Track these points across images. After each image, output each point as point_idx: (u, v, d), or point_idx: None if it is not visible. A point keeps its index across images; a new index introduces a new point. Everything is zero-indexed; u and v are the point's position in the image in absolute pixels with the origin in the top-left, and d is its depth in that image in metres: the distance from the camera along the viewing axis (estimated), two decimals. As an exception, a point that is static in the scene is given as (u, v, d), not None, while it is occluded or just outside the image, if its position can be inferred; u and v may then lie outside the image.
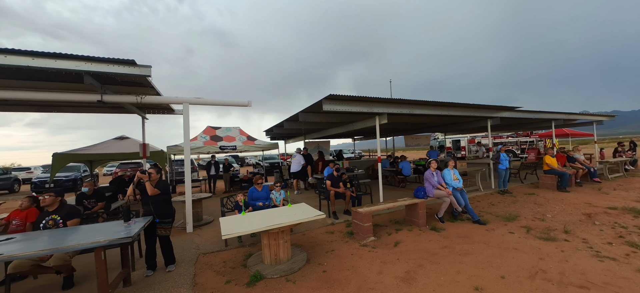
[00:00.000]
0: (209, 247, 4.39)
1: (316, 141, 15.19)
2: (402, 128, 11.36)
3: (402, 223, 5.11)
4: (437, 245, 4.04)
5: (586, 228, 4.52)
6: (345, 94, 4.82)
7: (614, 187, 7.66)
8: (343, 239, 4.49)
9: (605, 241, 3.97)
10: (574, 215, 5.31)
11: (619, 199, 6.32)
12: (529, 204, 6.23)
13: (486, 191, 7.76)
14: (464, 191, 5.29)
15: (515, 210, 5.80)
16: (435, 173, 5.30)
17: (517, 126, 12.29)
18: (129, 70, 4.37)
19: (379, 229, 4.86)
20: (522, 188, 8.13)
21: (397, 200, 5.17)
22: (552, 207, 5.94)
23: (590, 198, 6.53)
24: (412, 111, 6.12)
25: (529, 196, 7.01)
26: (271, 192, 5.12)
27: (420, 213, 4.91)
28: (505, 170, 7.43)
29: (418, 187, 5.27)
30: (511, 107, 7.92)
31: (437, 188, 5.16)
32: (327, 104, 5.08)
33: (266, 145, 11.05)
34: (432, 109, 6.43)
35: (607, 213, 5.31)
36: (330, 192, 5.56)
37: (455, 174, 5.39)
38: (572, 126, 13.25)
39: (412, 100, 5.99)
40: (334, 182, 5.80)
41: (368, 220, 4.39)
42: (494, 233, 4.46)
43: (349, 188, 5.96)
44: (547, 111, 9.23)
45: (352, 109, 5.36)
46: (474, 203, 6.51)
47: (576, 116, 10.34)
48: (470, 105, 7.09)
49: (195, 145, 9.85)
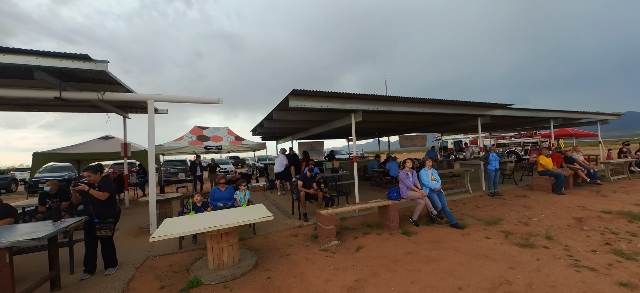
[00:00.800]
0: (163, 249, 4.18)
1: (309, 141, 14.99)
2: (390, 127, 10.98)
3: (374, 227, 4.80)
4: (402, 250, 3.72)
5: (572, 234, 4.12)
6: (311, 89, 4.58)
7: (614, 190, 7.14)
8: (305, 243, 4.21)
9: (590, 248, 3.58)
10: (562, 219, 4.90)
11: (617, 202, 5.85)
12: (517, 207, 5.82)
13: (476, 193, 7.35)
14: (442, 193, 4.94)
15: (500, 213, 5.41)
16: (411, 173, 4.97)
17: (513, 126, 11.76)
18: (83, 66, 4.21)
19: (347, 233, 4.56)
20: (515, 190, 7.68)
21: (369, 201, 4.86)
22: (541, 210, 5.52)
23: (586, 201, 6.07)
24: (390, 108, 5.81)
25: (519, 198, 6.58)
26: (236, 193, 4.89)
27: (392, 216, 4.59)
28: (494, 171, 7.01)
29: (392, 188, 4.95)
30: (503, 105, 7.50)
31: (412, 189, 4.83)
32: (293, 100, 4.82)
33: (254, 145, 10.86)
34: (413, 106, 6.10)
35: (600, 217, 4.88)
36: (300, 193, 5.29)
37: (433, 175, 5.04)
38: (575, 125, 12.63)
39: (390, 97, 5.68)
40: (307, 183, 5.53)
41: (330, 223, 4.10)
42: (469, 238, 4.11)
43: (323, 189, 5.69)
44: (544, 109, 8.74)
45: (322, 105, 5.08)
46: (459, 206, 6.15)
47: (578, 115, 9.79)
48: (457, 103, 6.72)
49: (181, 145, 9.74)
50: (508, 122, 10.75)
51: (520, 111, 8.02)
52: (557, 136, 15.63)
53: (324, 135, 13.62)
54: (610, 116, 11.21)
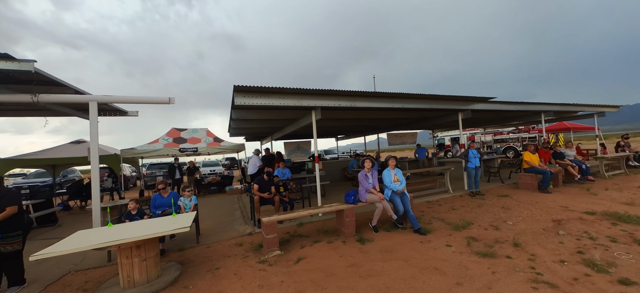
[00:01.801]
0: (90, 263, 3.83)
1: (296, 141, 14.61)
2: (369, 125, 10.51)
3: (330, 233, 4.39)
4: (346, 262, 3.31)
5: (543, 240, 3.66)
6: (259, 85, 4.17)
7: (607, 187, 6.60)
8: (245, 254, 3.82)
9: (558, 258, 3.12)
10: (540, 222, 4.42)
11: (606, 201, 5.34)
12: (495, 208, 5.35)
13: (457, 193, 6.87)
14: (406, 195, 4.49)
15: (474, 215, 4.96)
16: (371, 174, 4.54)
17: (501, 120, 11.19)
18: (5, 66, 3.90)
19: (297, 241, 4.16)
20: (499, 188, 7.18)
21: (323, 206, 4.45)
22: (519, 211, 5.05)
23: (571, 200, 5.57)
24: (353, 104, 5.38)
25: (500, 198, 6.09)
26: (180, 199, 4.52)
27: (347, 221, 4.18)
28: (474, 169, 6.53)
29: (350, 190, 4.53)
30: (484, 98, 7.00)
31: (370, 192, 4.41)
32: (239, 97, 4.44)
33: (232, 146, 10.51)
34: (380, 102, 5.67)
35: (582, 219, 4.39)
36: (254, 197, 4.90)
37: (396, 175, 4.61)
38: (572, 118, 12.01)
39: (353, 92, 5.25)
40: (264, 187, 5.14)
41: (271, 232, 3.71)
42: (427, 246, 3.67)
43: (282, 193, 5.30)
44: (532, 102, 8.22)
45: (274, 102, 4.69)
46: (433, 208, 5.70)
47: (571, 107, 9.22)
48: (433, 97, 6.26)
49: (155, 148, 9.44)
50: (495, 117, 10.22)
51: (504, 104, 7.51)
52: (555, 130, 14.98)
53: (300, 134, 13.21)
54: (608, 108, 10.58)
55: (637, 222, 4.05)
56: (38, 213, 6.56)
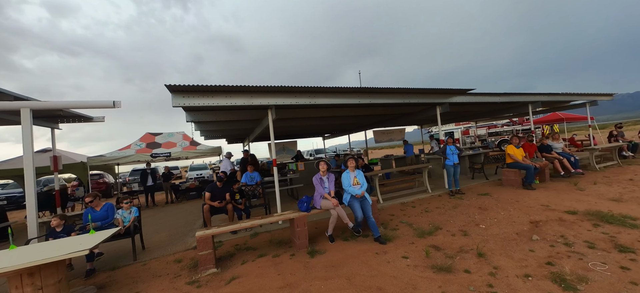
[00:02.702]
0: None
1: (282, 142, 14.19)
2: (350, 122, 10.04)
3: (282, 245, 3.97)
4: (281, 282, 2.89)
5: (513, 248, 3.23)
6: (195, 83, 3.73)
7: (596, 180, 6.15)
8: (179, 272, 3.41)
9: (524, 272, 2.69)
10: (516, 224, 4.00)
11: (592, 198, 4.90)
12: (472, 209, 4.92)
13: (437, 192, 6.44)
14: (367, 200, 4.06)
15: (446, 218, 4.53)
16: (327, 178, 4.12)
17: (487, 113, 10.72)
18: None
19: (242, 255, 3.74)
20: (482, 186, 6.74)
21: (273, 215, 4.03)
22: (497, 212, 4.62)
23: (555, 197, 5.13)
24: (314, 101, 4.95)
25: (479, 197, 5.66)
26: (117, 212, 4.11)
27: (298, 231, 3.76)
28: (453, 166, 6.09)
29: (304, 196, 4.11)
30: (463, 90, 6.55)
31: (324, 197, 3.99)
32: (178, 98, 4.02)
33: (208, 149, 10.10)
34: (345, 97, 5.23)
35: (561, 220, 3.96)
36: (203, 207, 4.49)
37: (357, 178, 4.18)
38: (563, 109, 11.53)
39: (314, 87, 4.82)
40: (216, 195, 4.73)
41: (206, 247, 3.29)
42: (382, 258, 3.25)
43: (238, 200, 4.88)
44: (518, 93, 7.76)
45: (220, 102, 4.27)
46: (406, 210, 5.28)
47: (560, 97, 8.74)
48: (405, 91, 5.82)
49: (126, 155, 9.03)
50: (481, 110, 9.76)
51: (486, 96, 7.05)
52: (549, 121, 14.51)
53: (285, 134, 12.80)
54: (601, 97, 10.08)
55: (620, 222, 3.61)
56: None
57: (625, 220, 3.68)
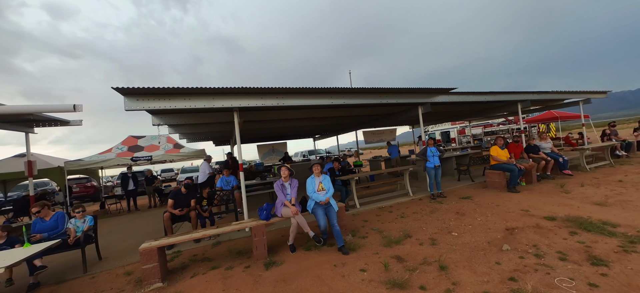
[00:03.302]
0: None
1: (270, 143, 13.99)
2: (335, 123, 9.81)
3: (241, 255, 3.75)
4: (224, 299, 2.68)
5: (479, 260, 2.99)
6: (152, 86, 3.50)
7: (584, 182, 5.89)
8: (123, 287, 3.20)
9: (483, 288, 2.46)
10: (490, 232, 3.75)
11: (575, 201, 4.64)
12: (449, 214, 4.68)
13: (418, 195, 6.20)
14: (331, 207, 3.83)
15: (420, 225, 4.30)
16: (289, 184, 3.90)
17: (473, 113, 10.45)
18: None
19: (196, 267, 3.53)
20: (466, 188, 6.49)
21: (231, 224, 3.81)
22: (473, 218, 4.38)
23: (538, 201, 4.88)
24: (281, 102, 4.73)
25: (460, 201, 5.42)
26: (70, 221, 3.91)
27: (256, 241, 3.54)
28: (433, 168, 5.85)
29: (265, 203, 3.89)
30: (445, 90, 6.30)
31: (284, 205, 3.76)
32: (131, 101, 3.81)
33: (191, 152, 9.90)
34: (316, 98, 5.01)
35: (538, 227, 3.71)
36: (164, 214, 4.28)
37: (322, 184, 3.95)
38: (557, 107, 11.24)
39: (282, 89, 4.59)
40: (180, 201, 4.51)
41: (150, 260, 3.08)
42: (338, 271, 3.03)
43: (204, 207, 4.67)
44: (505, 92, 7.50)
45: (178, 104, 4.05)
46: (382, 215, 5.05)
47: (550, 95, 8.47)
48: (383, 91, 5.58)
49: (106, 158, 8.85)
50: (467, 109, 9.51)
51: (470, 95, 6.80)
52: (543, 120, 14.20)
53: (274, 136, 12.59)
54: (595, 94, 9.78)
55: (599, 230, 3.37)
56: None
57: (604, 227, 3.43)
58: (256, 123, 7.79)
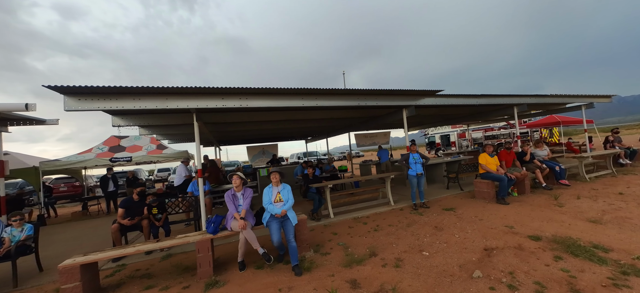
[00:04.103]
0: None
1: (261, 145, 13.66)
2: (321, 126, 9.41)
3: (186, 272, 3.39)
4: (139, 331, 2.32)
5: (443, 289, 2.58)
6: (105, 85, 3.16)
7: (581, 194, 5.40)
8: (44, 309, 2.87)
9: (438, 328, 2.05)
10: (465, 252, 3.33)
11: (567, 217, 4.18)
12: (426, 229, 4.26)
13: (401, 205, 5.77)
14: (289, 219, 3.46)
15: (391, 241, 3.89)
16: (241, 194, 3.53)
17: (465, 116, 9.95)
18: None
19: (132, 284, 3.18)
20: (452, 198, 6.04)
21: (175, 237, 3.46)
22: (451, 234, 3.95)
23: (526, 216, 4.42)
24: (245, 104, 4.36)
25: (442, 213, 4.98)
26: (5, 230, 3.61)
27: (200, 258, 3.19)
28: (415, 177, 5.43)
29: (214, 215, 3.53)
30: (431, 92, 5.87)
31: (234, 217, 3.40)
32: (72, 100, 3.49)
33: (174, 153, 9.62)
34: (284, 100, 4.63)
35: (520, 248, 3.28)
36: (112, 225, 3.95)
37: (280, 194, 3.58)
38: (559, 111, 10.69)
39: (245, 89, 4.23)
40: (132, 210, 4.18)
41: (70, 280, 2.74)
42: (281, 298, 2.65)
43: (157, 216, 4.33)
44: (498, 95, 7.03)
45: (126, 105, 3.72)
46: (356, 227, 4.66)
47: (549, 99, 7.96)
48: (361, 92, 5.17)
49: (85, 159, 8.61)
50: (458, 113, 9.03)
51: (459, 98, 6.35)
52: (546, 125, 13.60)
53: (265, 137, 12.23)
54: (599, 98, 9.22)
55: (588, 255, 2.92)
56: None
57: (595, 251, 2.99)
58: (242, 124, 7.45)
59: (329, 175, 7.82)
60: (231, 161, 20.51)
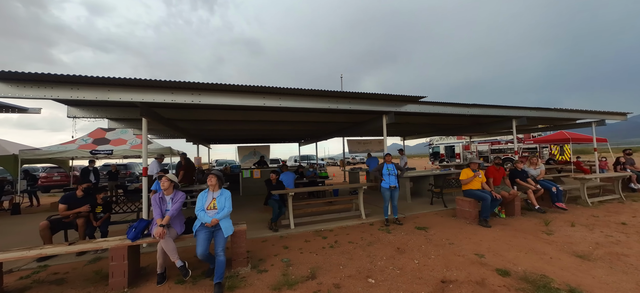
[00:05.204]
0: None
1: (252, 146, 13.42)
2: (307, 129, 8.97)
3: (102, 281, 3.07)
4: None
5: (367, 331, 2.13)
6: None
7: (576, 220, 4.76)
8: None
9: None
10: (418, 283, 2.85)
11: (552, 247, 3.60)
12: (386, 250, 3.78)
13: (372, 219, 5.28)
14: (219, 230, 3.08)
15: (342, 261, 3.44)
16: (170, 198, 3.19)
17: (461, 127, 9.29)
18: None
19: (39, 290, 2.88)
20: (432, 216, 5.49)
21: (92, 240, 3.15)
22: (411, 259, 3.46)
23: (505, 242, 3.86)
24: (198, 100, 4.04)
25: (413, 232, 4.48)
26: None
27: (114, 266, 2.86)
28: (389, 190, 4.94)
29: (139, 220, 3.20)
30: (414, 98, 5.38)
31: (156, 223, 3.05)
32: (5, 87, 3.28)
33: (159, 148, 9.48)
34: (243, 98, 4.29)
35: (482, 285, 2.77)
36: (40, 223, 3.69)
37: (216, 200, 3.21)
38: (566, 127, 9.89)
39: (198, 84, 3.92)
40: (75, 206, 3.93)
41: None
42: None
43: (99, 214, 4.06)
44: (496, 105, 6.48)
45: (62, 95, 3.48)
46: (313, 240, 4.24)
47: (552, 113, 7.28)
48: (332, 94, 4.76)
49: (66, 150, 8.59)
50: (454, 123, 8.43)
51: (447, 107, 5.83)
52: (554, 141, 12.69)
53: (254, 138, 11.93)
54: (612, 116, 8.42)
55: (557, 302, 2.39)
56: None
57: (569, 298, 2.46)
58: (221, 123, 7.16)
59: (308, 182, 7.41)
60: (228, 161, 20.41)
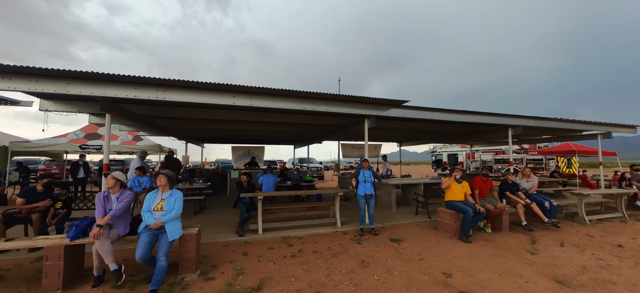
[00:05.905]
0: None
1: (247, 146, 13.32)
2: (295, 131, 8.74)
3: (37, 281, 2.93)
4: None
5: None
6: None
7: (565, 240, 4.37)
8: None
9: None
10: (369, 302, 2.59)
11: (532, 270, 3.27)
12: (350, 262, 3.52)
13: (348, 228, 5.01)
14: (164, 233, 2.90)
15: (298, 273, 3.21)
16: (116, 197, 3.03)
17: (451, 136, 8.87)
18: None
19: (-27, 289, 2.77)
20: (412, 227, 5.18)
21: (23, 238, 3.02)
22: (373, 274, 3.19)
23: (481, 261, 3.54)
24: (162, 97, 3.91)
25: (386, 244, 4.20)
26: None
27: (48, 266, 2.73)
28: (364, 197, 4.68)
29: (83, 217, 3.06)
30: (397, 102, 5.12)
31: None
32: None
33: (149, 145, 9.48)
34: (211, 97, 4.13)
35: (438, 308, 2.48)
36: None
37: (164, 201, 3.05)
38: (571, 138, 9.36)
39: (164, 80, 3.80)
40: (35, 200, 3.84)
41: None
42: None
43: (58, 209, 3.96)
44: (490, 113, 6.14)
45: (20, 86, 3.42)
46: (278, 248, 4.02)
47: (552, 123, 6.85)
48: (307, 95, 4.56)
49: (57, 143, 8.69)
50: (447, 130, 8.06)
51: (434, 113, 5.52)
52: (560, 153, 12.07)
53: (251, 139, 11.82)
54: (619, 128, 7.90)
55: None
56: None
57: (531, 331, 2.15)
58: (218, 122, 7.02)
59: (291, 185, 7.21)
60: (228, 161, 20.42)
